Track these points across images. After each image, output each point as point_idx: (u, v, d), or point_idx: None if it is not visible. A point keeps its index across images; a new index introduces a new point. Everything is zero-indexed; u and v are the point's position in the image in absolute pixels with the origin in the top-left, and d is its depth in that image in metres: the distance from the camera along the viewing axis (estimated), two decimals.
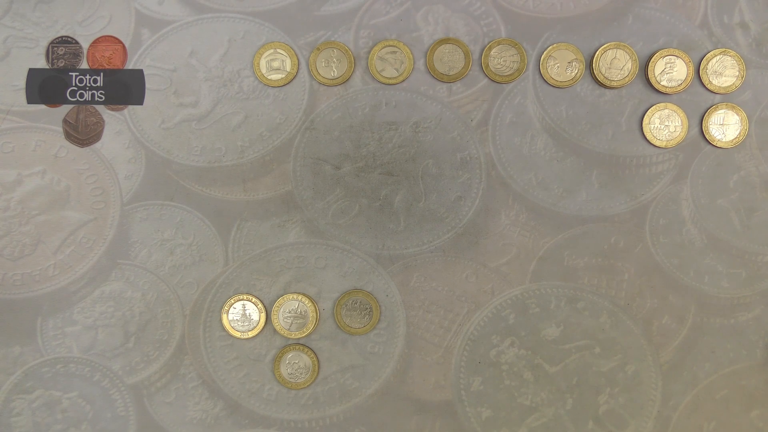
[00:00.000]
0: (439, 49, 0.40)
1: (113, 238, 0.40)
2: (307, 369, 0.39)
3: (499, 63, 0.40)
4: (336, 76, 0.40)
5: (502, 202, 0.40)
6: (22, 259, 0.39)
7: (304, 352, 0.39)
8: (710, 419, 0.40)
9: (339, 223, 0.40)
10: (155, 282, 0.40)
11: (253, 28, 0.40)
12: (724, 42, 0.41)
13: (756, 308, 0.40)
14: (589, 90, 0.41)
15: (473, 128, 0.40)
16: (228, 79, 0.40)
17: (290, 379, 0.39)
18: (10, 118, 0.40)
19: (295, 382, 0.39)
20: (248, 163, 0.40)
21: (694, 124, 0.40)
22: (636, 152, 0.40)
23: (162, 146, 0.40)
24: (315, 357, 0.39)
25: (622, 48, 0.40)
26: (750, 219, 0.40)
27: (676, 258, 0.40)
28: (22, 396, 0.39)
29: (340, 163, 0.40)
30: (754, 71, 0.41)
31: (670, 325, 0.40)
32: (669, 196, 0.40)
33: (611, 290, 0.40)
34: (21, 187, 0.40)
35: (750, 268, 0.40)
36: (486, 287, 0.40)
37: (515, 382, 0.39)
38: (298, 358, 0.39)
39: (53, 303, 0.39)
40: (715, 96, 0.41)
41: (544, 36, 0.41)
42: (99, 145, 0.40)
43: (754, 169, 0.40)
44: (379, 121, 0.40)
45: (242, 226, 0.40)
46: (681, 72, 0.40)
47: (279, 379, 0.39)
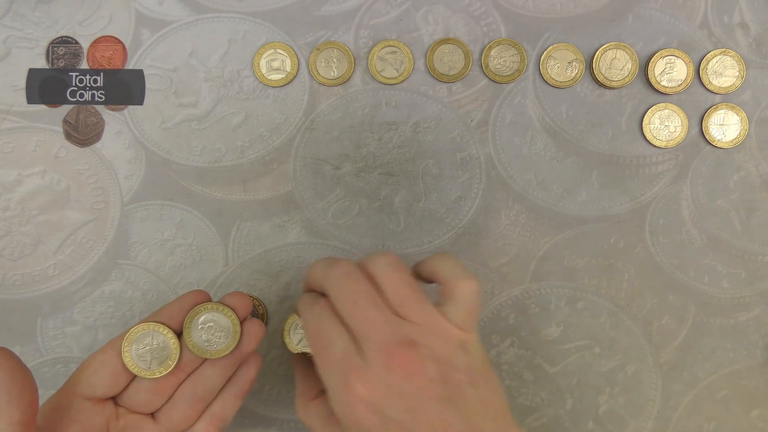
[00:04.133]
0: (439, 49, 0.40)
1: (113, 238, 0.40)
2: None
3: (499, 63, 0.40)
4: (336, 76, 0.40)
5: (502, 202, 0.40)
6: (22, 259, 0.39)
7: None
8: (710, 419, 0.40)
9: (339, 223, 0.40)
10: (155, 282, 0.40)
11: (253, 28, 0.40)
12: (724, 42, 0.41)
13: (756, 308, 0.40)
14: (589, 90, 0.41)
15: (473, 128, 0.40)
16: (228, 79, 0.40)
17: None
18: (10, 118, 0.40)
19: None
20: (248, 163, 0.40)
21: (694, 124, 0.40)
22: (636, 152, 0.40)
23: (162, 146, 0.40)
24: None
25: (622, 48, 0.40)
26: (750, 219, 0.40)
27: (676, 258, 0.40)
28: None
29: (340, 163, 0.40)
30: (754, 71, 0.41)
31: (670, 325, 0.40)
32: (669, 196, 0.40)
33: (611, 290, 0.40)
34: (21, 187, 0.40)
35: (750, 268, 0.40)
36: (486, 287, 0.40)
37: (515, 382, 0.39)
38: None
39: (53, 303, 0.39)
40: (715, 96, 0.41)
41: (544, 36, 0.41)
42: (99, 145, 0.40)
43: (754, 169, 0.40)
44: (379, 121, 0.40)
45: (242, 226, 0.40)
46: (681, 72, 0.40)
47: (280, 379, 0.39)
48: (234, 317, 0.32)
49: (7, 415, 0.26)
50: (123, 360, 0.31)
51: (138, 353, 0.31)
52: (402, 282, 0.29)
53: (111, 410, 0.31)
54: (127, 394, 0.31)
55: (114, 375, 0.31)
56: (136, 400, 0.31)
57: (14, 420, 0.26)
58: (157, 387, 0.31)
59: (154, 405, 0.32)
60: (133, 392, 0.31)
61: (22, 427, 0.26)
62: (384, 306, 0.28)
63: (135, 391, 0.31)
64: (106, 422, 0.31)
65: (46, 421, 0.29)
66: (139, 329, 0.31)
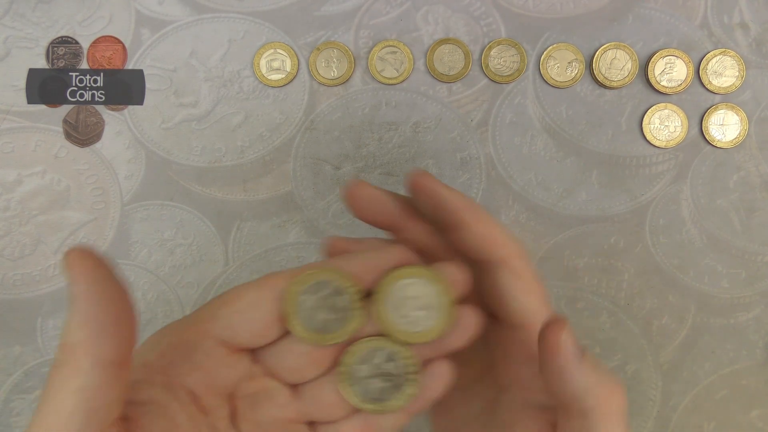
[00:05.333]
0: (439, 49, 0.40)
1: (113, 238, 0.40)
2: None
3: (499, 63, 0.40)
4: (336, 76, 0.40)
5: (502, 202, 0.40)
6: (22, 259, 0.39)
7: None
8: (710, 419, 0.40)
9: (339, 223, 0.40)
10: (155, 282, 0.40)
11: (253, 28, 0.40)
12: (724, 42, 0.41)
13: (756, 308, 0.40)
14: (589, 90, 0.41)
15: (473, 128, 0.40)
16: (228, 79, 0.40)
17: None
18: (10, 118, 0.40)
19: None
20: (248, 163, 0.40)
21: (694, 124, 0.40)
22: (636, 152, 0.40)
23: (162, 146, 0.40)
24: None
25: (622, 48, 0.40)
26: (750, 219, 0.40)
27: (676, 258, 0.40)
28: (22, 396, 0.39)
29: (340, 163, 0.40)
30: (754, 71, 0.41)
31: (670, 325, 0.40)
32: (669, 196, 0.40)
33: (611, 290, 0.40)
34: (21, 187, 0.40)
35: (750, 268, 0.40)
36: None
37: None
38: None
39: (53, 303, 0.39)
40: (715, 96, 0.41)
41: (544, 36, 0.41)
42: (99, 145, 0.40)
43: (754, 169, 0.40)
44: (379, 121, 0.40)
45: (242, 226, 0.40)
46: (681, 72, 0.40)
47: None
48: (449, 294, 0.23)
49: (95, 350, 0.18)
50: (284, 307, 0.22)
51: (307, 305, 0.22)
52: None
53: (246, 366, 0.23)
54: (273, 351, 0.23)
55: (266, 323, 0.22)
56: (282, 363, 0.23)
57: (106, 357, 0.18)
58: (317, 355, 0.23)
59: (303, 376, 0.23)
60: (283, 352, 0.23)
61: (115, 368, 0.18)
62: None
63: (286, 351, 0.23)
64: (236, 380, 0.23)
65: (161, 359, 0.22)
66: (314, 274, 0.22)
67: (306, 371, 0.23)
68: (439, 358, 0.23)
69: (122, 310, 0.19)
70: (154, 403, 0.21)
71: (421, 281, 0.22)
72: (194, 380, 0.22)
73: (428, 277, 0.22)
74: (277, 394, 0.23)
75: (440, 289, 0.22)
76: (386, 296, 0.22)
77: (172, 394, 0.21)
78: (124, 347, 0.19)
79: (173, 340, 0.22)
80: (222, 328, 0.22)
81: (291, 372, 0.23)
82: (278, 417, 0.23)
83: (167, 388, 0.21)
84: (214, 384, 0.22)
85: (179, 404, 0.21)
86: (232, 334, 0.22)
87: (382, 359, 0.23)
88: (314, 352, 0.23)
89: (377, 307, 0.23)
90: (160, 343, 0.22)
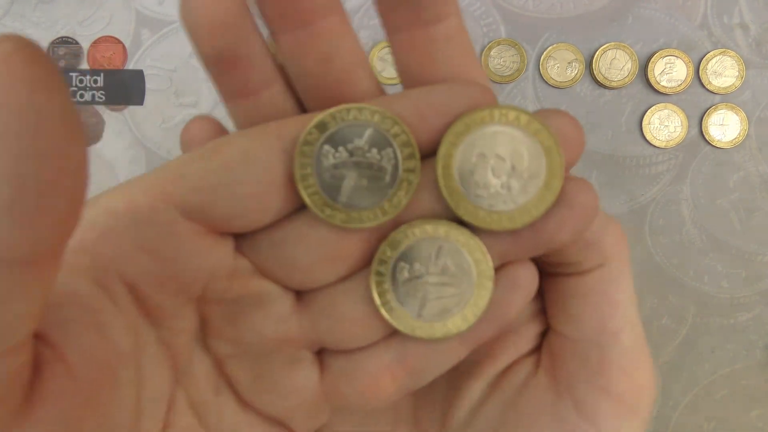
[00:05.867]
0: None
1: None
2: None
3: (499, 63, 0.40)
4: None
5: None
6: None
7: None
8: (710, 419, 0.40)
9: None
10: None
11: None
12: (724, 42, 0.41)
13: (756, 308, 0.40)
14: (588, 90, 0.41)
15: None
16: None
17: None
18: None
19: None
20: None
21: (694, 124, 0.40)
22: (636, 152, 0.40)
23: (162, 146, 0.40)
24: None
25: (622, 48, 0.40)
26: (750, 219, 0.40)
27: (676, 258, 0.40)
28: None
29: None
30: (754, 71, 0.41)
31: (670, 325, 0.40)
32: (669, 196, 0.40)
33: None
34: None
35: (750, 268, 0.40)
36: None
37: None
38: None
39: None
40: (714, 96, 0.41)
41: (544, 36, 0.41)
42: (99, 146, 0.40)
43: (753, 169, 0.40)
44: None
45: None
46: (681, 72, 0.40)
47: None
48: (559, 153, 0.14)
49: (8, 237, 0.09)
50: (294, 172, 0.14)
51: (330, 161, 0.14)
52: None
53: (226, 257, 0.15)
54: (271, 237, 0.15)
55: (264, 188, 0.14)
56: (284, 256, 0.15)
57: (7, 254, 0.09)
58: (341, 244, 0.15)
59: (316, 277, 0.15)
60: (287, 239, 0.15)
61: (26, 269, 0.10)
62: None
63: (292, 237, 0.15)
64: (209, 276, 0.14)
65: (91, 233, 0.13)
66: (345, 110, 0.14)
67: (320, 270, 0.15)
68: (521, 260, 0.15)
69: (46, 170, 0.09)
70: (77, 304, 0.13)
71: (514, 131, 0.14)
72: (140, 269, 0.13)
73: (525, 126, 0.14)
74: (274, 302, 0.15)
75: (545, 146, 0.14)
76: (456, 153, 0.14)
77: (104, 291, 0.13)
78: (45, 237, 0.10)
79: (114, 207, 0.13)
80: (192, 192, 0.14)
81: (297, 270, 0.15)
82: (272, 336, 0.15)
83: (97, 282, 0.13)
84: (174, 277, 0.14)
85: (114, 307, 0.13)
86: (207, 202, 0.14)
87: (443, 255, 0.14)
88: (335, 240, 0.14)
89: (440, 171, 0.14)
90: (96, 210, 0.13)
